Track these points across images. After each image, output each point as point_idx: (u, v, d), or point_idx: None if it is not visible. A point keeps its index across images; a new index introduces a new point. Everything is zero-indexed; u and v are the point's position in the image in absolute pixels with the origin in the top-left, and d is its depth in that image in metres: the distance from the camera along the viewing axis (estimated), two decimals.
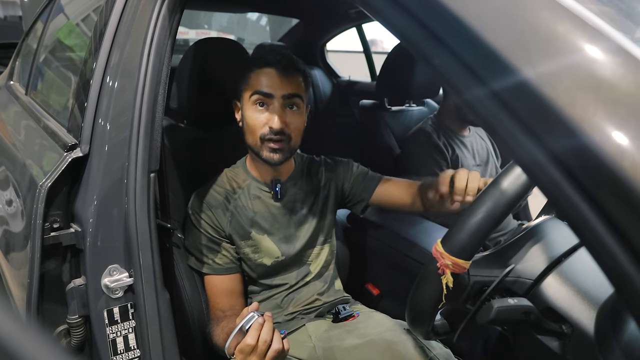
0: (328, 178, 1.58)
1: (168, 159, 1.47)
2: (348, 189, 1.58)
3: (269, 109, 1.33)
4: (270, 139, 1.33)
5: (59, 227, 1.11)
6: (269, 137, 1.33)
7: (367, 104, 2.55)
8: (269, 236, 1.44)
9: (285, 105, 1.34)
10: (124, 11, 1.21)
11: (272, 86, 1.31)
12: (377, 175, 1.59)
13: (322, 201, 1.55)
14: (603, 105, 0.46)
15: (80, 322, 1.10)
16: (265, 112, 1.33)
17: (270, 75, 1.32)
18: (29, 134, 1.70)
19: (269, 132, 1.32)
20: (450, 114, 2.21)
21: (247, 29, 7.03)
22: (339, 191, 1.58)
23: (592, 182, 0.46)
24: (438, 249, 0.86)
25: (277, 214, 1.46)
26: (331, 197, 1.57)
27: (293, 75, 1.34)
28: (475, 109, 0.55)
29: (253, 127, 1.35)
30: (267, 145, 1.34)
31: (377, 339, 1.35)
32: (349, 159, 1.64)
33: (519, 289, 0.89)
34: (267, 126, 1.32)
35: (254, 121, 1.34)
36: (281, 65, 1.32)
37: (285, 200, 1.48)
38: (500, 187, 0.83)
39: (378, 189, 1.56)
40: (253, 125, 1.34)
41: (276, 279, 1.48)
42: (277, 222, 1.46)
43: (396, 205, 1.55)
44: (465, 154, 2.19)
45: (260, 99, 1.32)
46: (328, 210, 1.56)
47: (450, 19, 0.55)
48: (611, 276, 0.48)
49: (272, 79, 1.32)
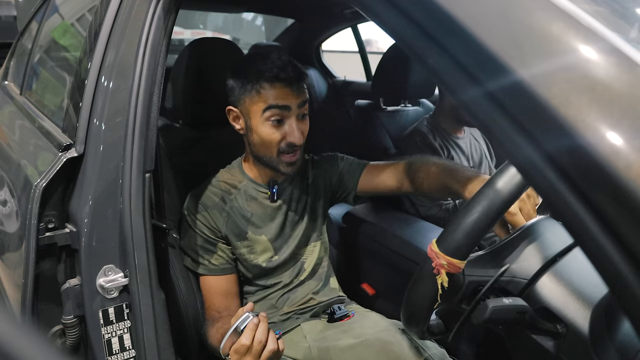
0: (315, 175, 1.57)
1: (163, 159, 1.47)
2: (336, 183, 1.58)
3: (286, 123, 1.32)
4: (288, 152, 1.34)
5: (53, 227, 1.11)
6: (287, 150, 1.33)
7: (362, 104, 2.55)
8: (265, 236, 1.44)
9: (299, 115, 1.34)
10: (119, 11, 1.20)
11: (286, 98, 1.30)
12: (362, 163, 1.57)
13: (312, 199, 1.55)
14: (597, 105, 0.46)
15: (75, 323, 1.10)
16: (283, 127, 1.32)
17: (284, 90, 1.30)
18: (23, 134, 1.69)
19: (286, 146, 1.33)
20: (445, 115, 2.21)
21: (243, 29, 7.03)
22: (327, 187, 1.58)
23: (587, 182, 0.46)
24: (433, 249, 0.86)
25: (273, 215, 1.46)
26: (321, 195, 1.57)
27: (299, 83, 1.33)
28: (470, 109, 0.55)
29: (269, 143, 1.33)
30: (284, 159, 1.35)
31: (372, 339, 1.35)
32: (335, 153, 1.63)
33: (513, 288, 0.89)
34: (285, 141, 1.32)
35: (270, 137, 1.32)
36: (289, 77, 1.30)
37: (280, 200, 1.48)
38: (495, 187, 0.84)
39: (363, 177, 1.54)
40: (269, 140, 1.33)
41: (271, 279, 1.48)
42: (273, 222, 1.46)
43: (384, 190, 1.52)
44: (460, 156, 2.19)
45: (276, 114, 1.31)
46: (319, 208, 1.56)
47: (445, 19, 0.55)
48: (605, 276, 0.48)
49: (285, 94, 1.30)
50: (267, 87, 1.30)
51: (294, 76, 1.31)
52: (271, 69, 1.29)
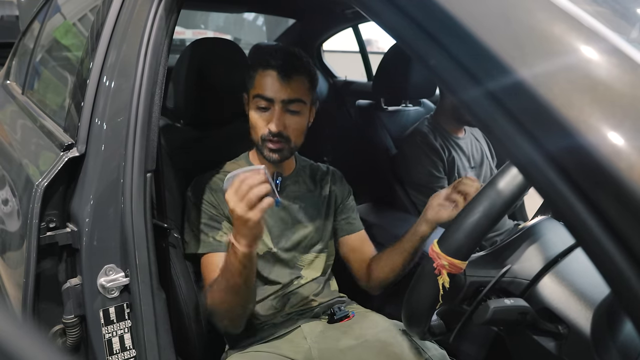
0: (333, 190, 1.60)
1: (164, 159, 1.47)
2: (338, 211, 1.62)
3: (269, 112, 1.36)
4: (270, 140, 1.36)
5: (55, 226, 1.11)
6: (269, 138, 1.36)
7: (363, 104, 2.55)
8: (266, 225, 1.44)
9: (285, 109, 1.36)
10: (121, 11, 1.20)
11: (273, 90, 1.34)
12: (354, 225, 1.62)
13: (324, 209, 1.57)
14: (599, 106, 0.46)
15: (76, 322, 1.10)
16: (266, 114, 1.36)
17: (272, 79, 1.34)
18: (25, 134, 1.70)
19: (268, 133, 1.35)
20: (446, 115, 2.21)
21: (244, 29, 7.03)
22: (337, 206, 1.61)
23: (589, 183, 0.46)
24: (434, 249, 0.86)
25: (274, 207, 1.47)
26: (332, 208, 1.59)
27: (295, 78, 1.35)
28: (472, 110, 0.55)
29: (255, 127, 1.40)
30: (267, 145, 1.38)
31: (372, 340, 1.35)
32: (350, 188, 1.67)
33: (515, 289, 0.89)
34: (267, 128, 1.36)
35: (255, 122, 1.39)
36: (283, 70, 1.33)
37: (283, 195, 1.48)
38: (497, 187, 0.84)
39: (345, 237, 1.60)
40: (255, 125, 1.39)
41: (270, 275, 1.46)
42: (274, 214, 1.46)
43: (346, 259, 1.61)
44: (460, 156, 2.19)
45: (261, 104, 1.36)
46: (328, 219, 1.57)
47: (446, 19, 0.55)
48: (607, 277, 0.48)
49: (273, 83, 1.34)
50: (259, 73, 1.37)
51: (282, 64, 1.33)
52: (266, 56, 1.36)
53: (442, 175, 2.13)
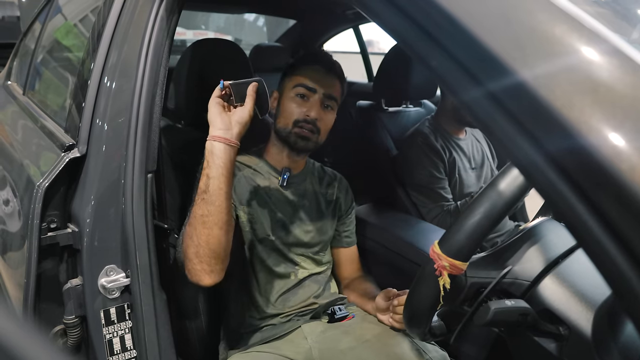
0: (339, 197, 1.63)
1: (165, 160, 1.47)
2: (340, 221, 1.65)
3: (308, 101, 1.44)
4: (302, 126, 1.41)
5: (56, 227, 1.11)
6: (302, 124, 1.41)
7: (364, 105, 2.54)
8: (266, 210, 1.45)
9: (323, 103, 1.44)
10: (122, 12, 1.21)
11: (318, 82, 1.43)
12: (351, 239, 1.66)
13: (328, 212, 1.58)
14: (600, 107, 0.46)
15: (76, 323, 1.10)
16: (304, 102, 1.44)
17: (318, 73, 1.44)
18: (26, 134, 1.70)
19: (303, 118, 1.41)
20: (447, 116, 2.21)
21: (245, 29, 7.04)
22: (341, 214, 1.64)
23: (590, 184, 0.46)
24: (435, 250, 0.86)
25: (279, 197, 1.48)
26: (336, 214, 1.61)
27: (336, 79, 1.47)
28: (473, 111, 0.55)
29: (289, 113, 1.44)
30: (296, 131, 1.42)
31: (373, 341, 1.36)
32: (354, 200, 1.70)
33: (516, 290, 0.89)
34: (303, 113, 1.41)
35: (291, 108, 1.44)
36: (328, 67, 1.46)
37: (289, 190, 1.50)
38: (498, 188, 0.83)
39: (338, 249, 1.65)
40: (290, 111, 1.44)
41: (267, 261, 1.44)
42: (278, 205, 1.47)
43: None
44: (461, 157, 2.19)
45: (302, 92, 1.43)
46: (330, 222, 1.58)
47: (447, 21, 0.55)
48: (609, 278, 0.48)
49: (318, 76, 1.44)
50: (304, 68, 1.47)
51: (329, 61, 1.47)
52: (311, 55, 1.56)
53: (443, 176, 2.13)
